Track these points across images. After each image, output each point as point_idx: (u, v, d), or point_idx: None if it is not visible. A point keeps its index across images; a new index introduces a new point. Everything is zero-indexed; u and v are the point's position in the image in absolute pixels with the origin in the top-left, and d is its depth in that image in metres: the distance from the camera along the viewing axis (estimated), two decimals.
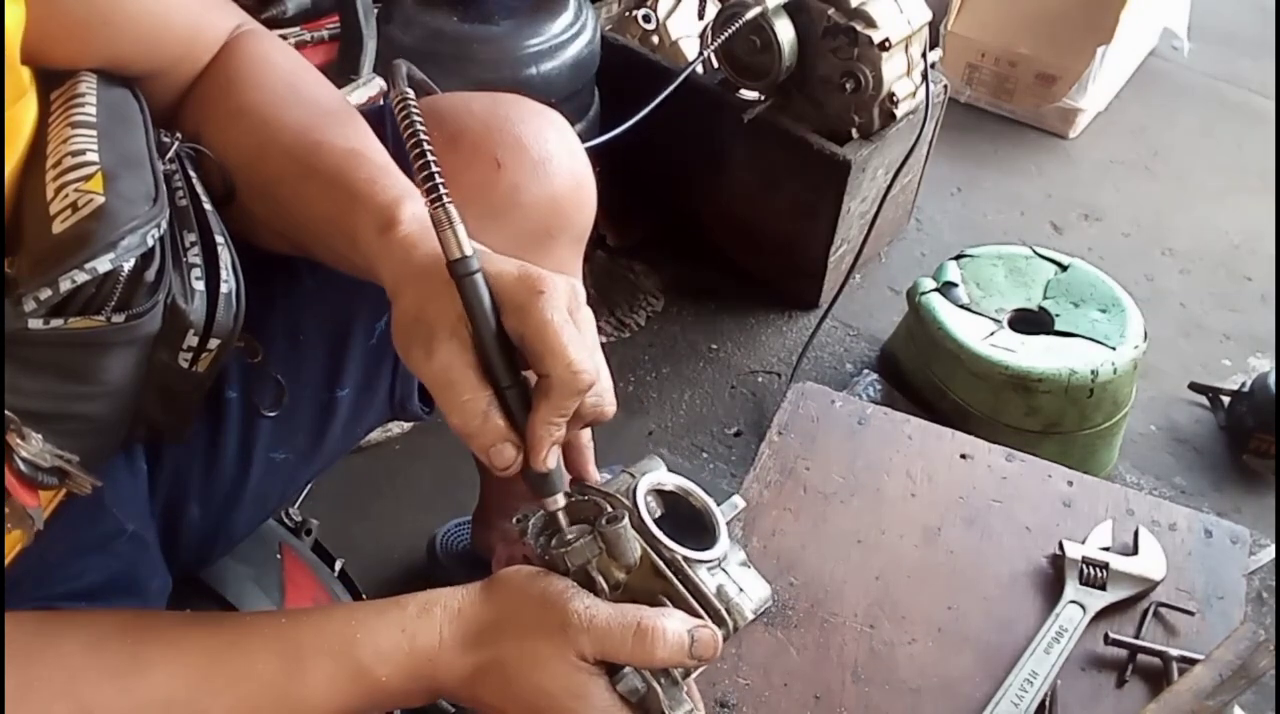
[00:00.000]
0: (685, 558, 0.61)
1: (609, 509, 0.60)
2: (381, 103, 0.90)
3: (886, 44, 1.48)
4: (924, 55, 1.58)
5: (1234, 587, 0.93)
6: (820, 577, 0.93)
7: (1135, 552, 0.93)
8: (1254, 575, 1.44)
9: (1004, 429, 1.46)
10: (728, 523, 0.66)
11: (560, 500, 0.59)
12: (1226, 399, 1.65)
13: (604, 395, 0.58)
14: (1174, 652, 0.85)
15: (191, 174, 0.65)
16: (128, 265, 0.54)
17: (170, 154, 0.64)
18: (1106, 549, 0.93)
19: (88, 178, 0.54)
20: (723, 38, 1.46)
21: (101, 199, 0.53)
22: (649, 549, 0.60)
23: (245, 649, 0.56)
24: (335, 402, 0.82)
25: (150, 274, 0.56)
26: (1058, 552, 0.93)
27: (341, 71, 1.35)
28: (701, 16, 1.78)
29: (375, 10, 1.39)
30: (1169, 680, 0.84)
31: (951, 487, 1.00)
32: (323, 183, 0.63)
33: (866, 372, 1.66)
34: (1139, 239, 2.01)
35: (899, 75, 1.55)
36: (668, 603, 0.59)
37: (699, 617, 0.59)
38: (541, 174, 0.78)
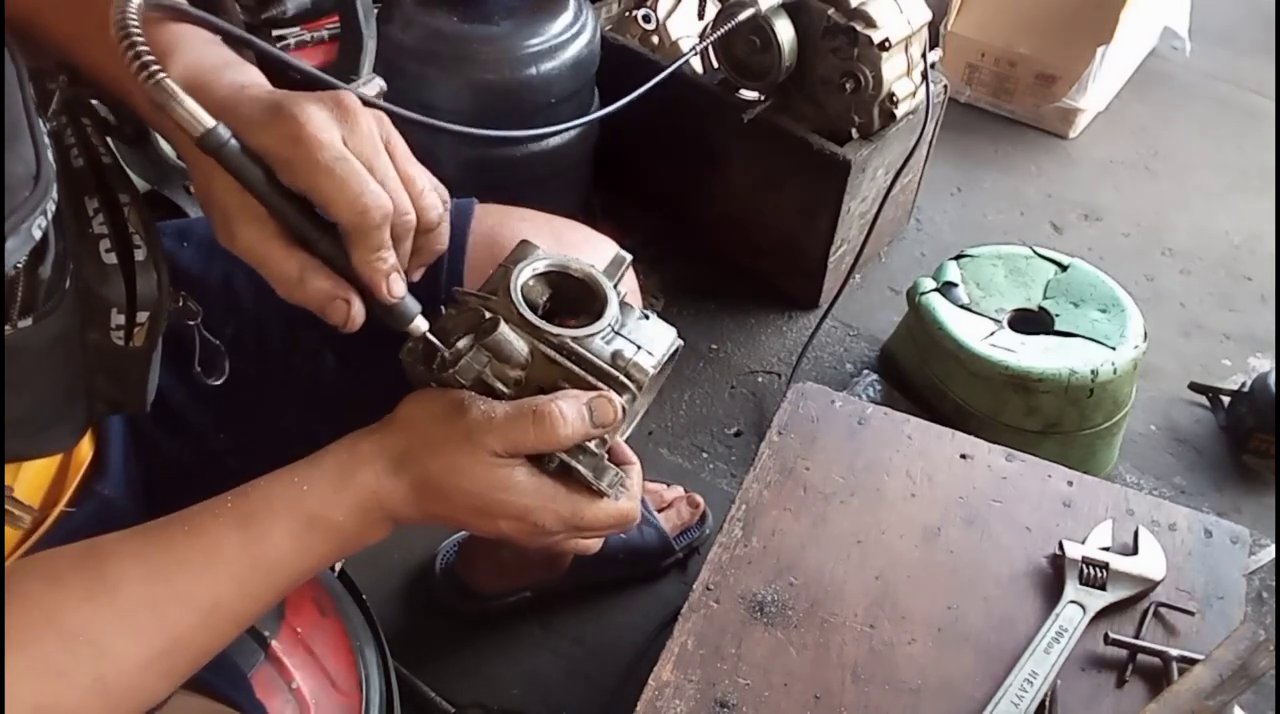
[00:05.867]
0: (573, 338, 0.61)
1: (486, 315, 0.60)
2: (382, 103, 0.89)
3: (886, 44, 1.48)
4: (924, 55, 1.57)
5: (1234, 587, 0.93)
6: (820, 577, 0.93)
7: (1135, 552, 0.93)
8: (1254, 575, 1.44)
9: (1004, 429, 1.46)
10: (615, 283, 0.66)
11: (422, 324, 0.60)
12: (1226, 399, 1.65)
13: (410, 214, 0.56)
14: (1174, 652, 0.85)
15: (85, 121, 0.62)
16: (21, 263, 0.51)
17: (54, 104, 0.60)
18: (1106, 549, 0.93)
19: None
20: (721, 31, 1.46)
21: None
22: (536, 341, 0.61)
23: (203, 532, 0.56)
24: None
25: (45, 270, 0.53)
26: (1058, 552, 0.93)
27: (341, 71, 1.35)
28: (701, 16, 1.78)
29: (375, 10, 1.40)
30: (1169, 680, 0.83)
31: (951, 487, 1.00)
32: (102, 41, 0.58)
33: (866, 372, 1.66)
34: (1139, 239, 2.01)
35: (899, 75, 1.55)
36: (567, 386, 0.61)
37: (597, 390, 0.61)
38: None
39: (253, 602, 0.57)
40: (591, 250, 0.84)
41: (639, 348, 0.64)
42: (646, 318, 0.66)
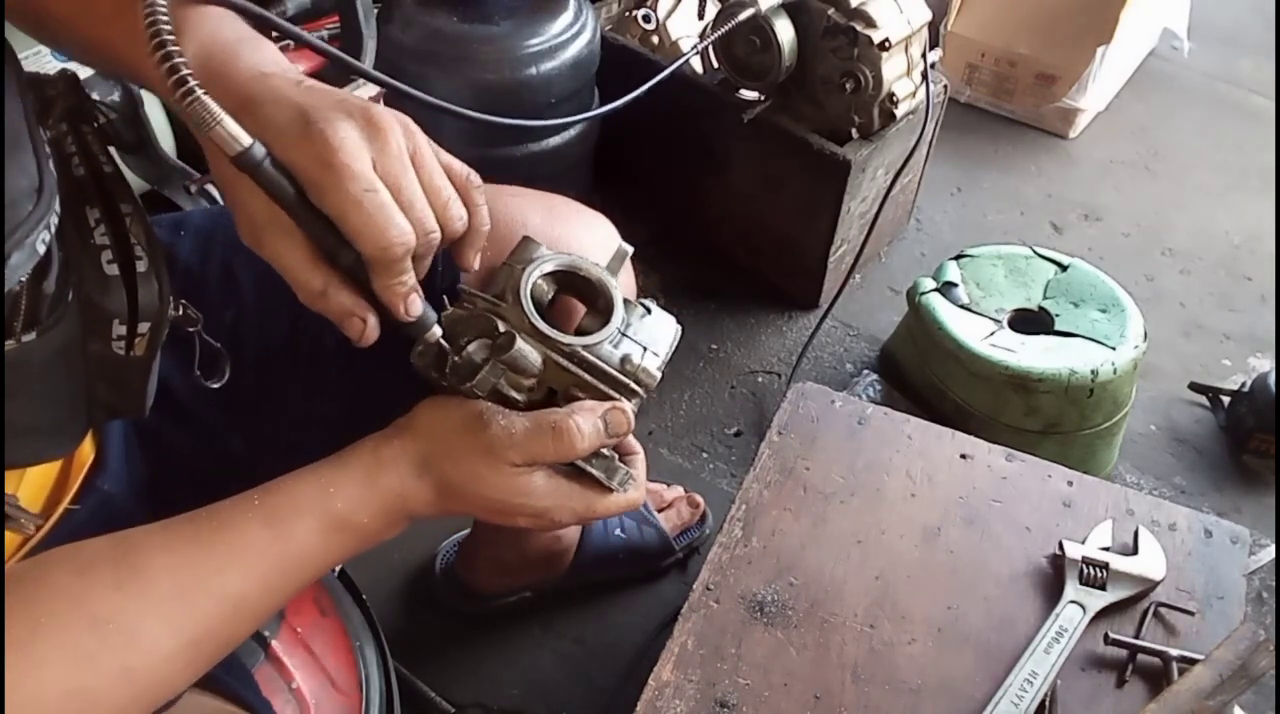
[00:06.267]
0: (584, 346, 0.63)
1: (499, 327, 0.61)
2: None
3: (886, 44, 1.48)
4: (924, 55, 1.57)
5: (1234, 587, 0.93)
6: (820, 577, 0.93)
7: (1135, 552, 0.93)
8: (1254, 575, 1.44)
9: (1004, 429, 1.46)
10: (619, 280, 0.68)
11: (437, 331, 0.61)
12: (1226, 399, 1.65)
13: (435, 233, 0.57)
14: (1174, 652, 0.85)
15: (85, 129, 0.61)
16: (25, 278, 0.50)
17: (57, 112, 0.60)
18: (1106, 549, 0.93)
19: None
20: (721, 31, 1.46)
21: None
22: (548, 350, 0.63)
23: (231, 528, 0.57)
24: None
25: (50, 283, 0.53)
26: (1058, 552, 0.93)
27: (342, 72, 1.35)
28: (701, 16, 1.78)
29: (375, 10, 1.40)
30: (1169, 680, 0.83)
31: (951, 487, 1.00)
32: (108, 18, 0.58)
33: (866, 372, 1.66)
34: (1139, 239, 2.01)
35: (899, 75, 1.55)
36: (580, 393, 0.63)
37: (610, 398, 0.63)
38: None
39: (275, 596, 0.58)
40: (585, 226, 0.84)
41: (645, 350, 0.66)
42: (648, 312, 0.68)
